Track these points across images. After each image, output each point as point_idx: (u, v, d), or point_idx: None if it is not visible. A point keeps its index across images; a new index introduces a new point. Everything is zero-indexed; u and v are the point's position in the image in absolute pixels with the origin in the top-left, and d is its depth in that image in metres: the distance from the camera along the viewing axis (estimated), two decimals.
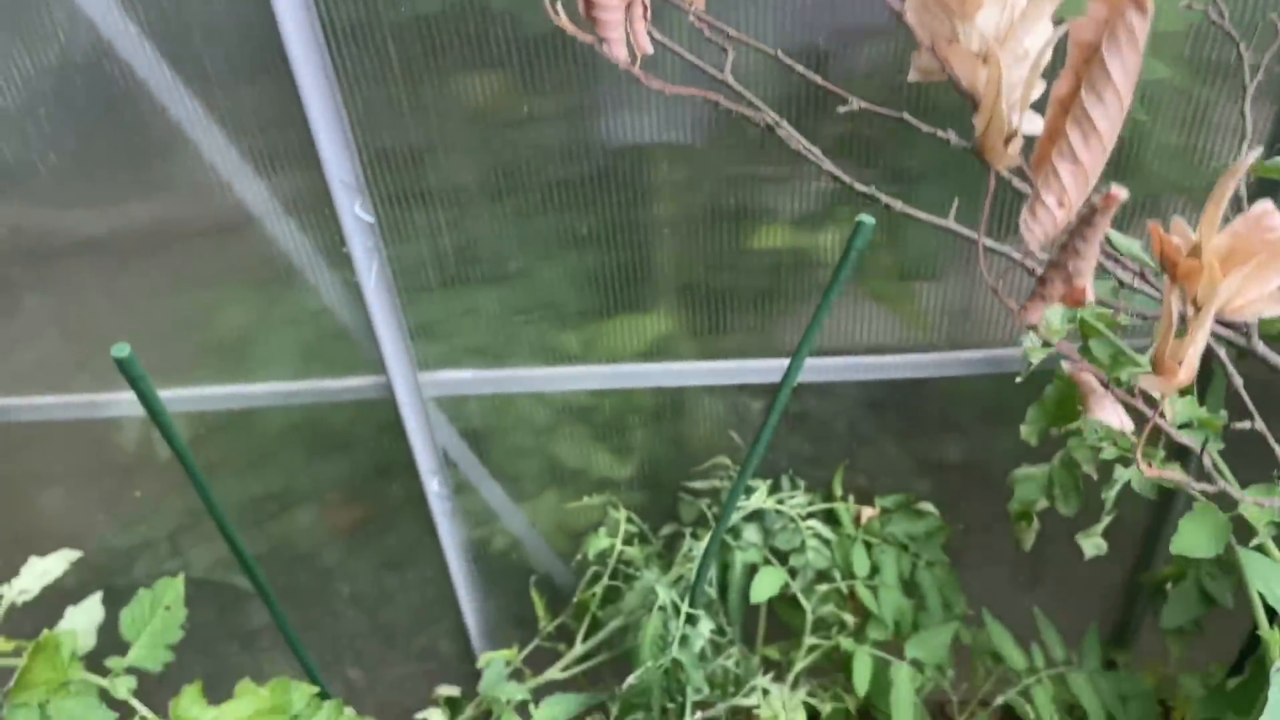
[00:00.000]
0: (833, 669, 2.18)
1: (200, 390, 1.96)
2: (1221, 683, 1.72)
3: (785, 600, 2.15)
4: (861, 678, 1.88)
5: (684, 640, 1.78)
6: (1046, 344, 1.27)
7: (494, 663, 2.07)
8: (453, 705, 2.17)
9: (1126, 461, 1.25)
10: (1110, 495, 1.28)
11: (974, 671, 2.07)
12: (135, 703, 1.56)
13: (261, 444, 2.08)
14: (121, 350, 1.22)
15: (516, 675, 2.06)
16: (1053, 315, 1.29)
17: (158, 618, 1.67)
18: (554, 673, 2.10)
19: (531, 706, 1.98)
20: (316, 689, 1.72)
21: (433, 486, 2.07)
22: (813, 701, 2.02)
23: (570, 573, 2.30)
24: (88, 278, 1.86)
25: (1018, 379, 1.35)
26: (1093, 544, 1.35)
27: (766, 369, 1.98)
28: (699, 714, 1.91)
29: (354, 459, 2.08)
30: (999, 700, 1.94)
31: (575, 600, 2.09)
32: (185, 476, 2.17)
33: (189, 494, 2.17)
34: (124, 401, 2.00)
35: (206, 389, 1.96)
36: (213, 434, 2.06)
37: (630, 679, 1.79)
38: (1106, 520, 1.32)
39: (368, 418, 2.01)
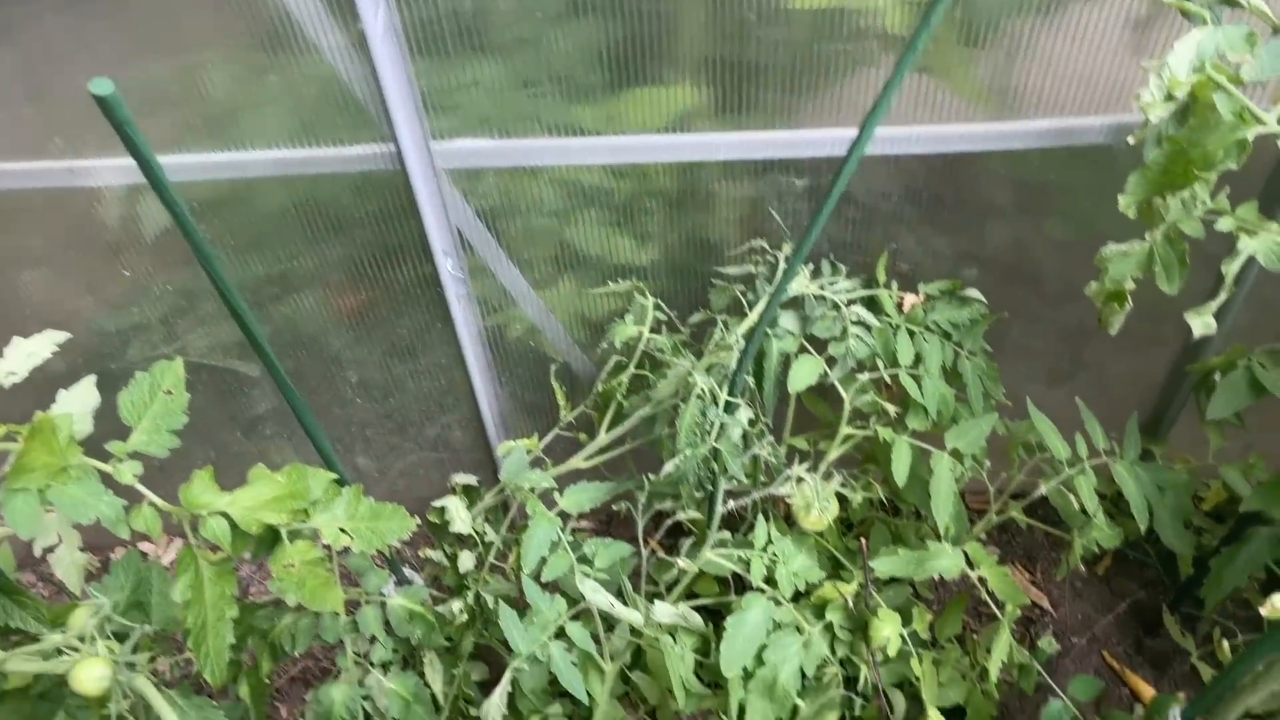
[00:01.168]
0: (860, 460, 2.13)
1: (192, 158, 1.78)
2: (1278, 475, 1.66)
3: (813, 391, 2.07)
4: (901, 467, 1.82)
5: (722, 429, 1.69)
6: (1170, 97, 1.11)
7: (515, 451, 1.99)
8: (470, 494, 2.11)
9: (1251, 232, 1.12)
10: (1232, 269, 1.16)
11: (1010, 463, 2.01)
12: (142, 488, 1.47)
13: (262, 222, 1.92)
14: (103, 87, 1.04)
15: (535, 465, 1.99)
16: (1178, 65, 1.13)
17: (158, 402, 1.56)
18: (576, 462, 2.03)
19: (555, 494, 1.92)
20: (334, 475, 1.64)
21: (447, 268, 1.93)
22: (843, 491, 1.97)
23: (589, 362, 2.20)
24: (59, 30, 1.64)
25: (1130, 140, 1.20)
26: (1202, 323, 1.24)
27: (799, 141, 1.80)
28: (730, 502, 1.85)
29: (362, 238, 1.93)
30: (1040, 491, 1.89)
31: (599, 389, 1.99)
32: (176, 256, 2.02)
33: (181, 274, 2.03)
34: (104, 169, 1.82)
35: (199, 156, 1.78)
36: (210, 210, 1.89)
37: (668, 466, 1.71)
38: (1224, 297, 1.20)
39: (376, 192, 1.84)
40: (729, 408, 1.68)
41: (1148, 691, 2.18)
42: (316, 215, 1.90)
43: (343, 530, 1.63)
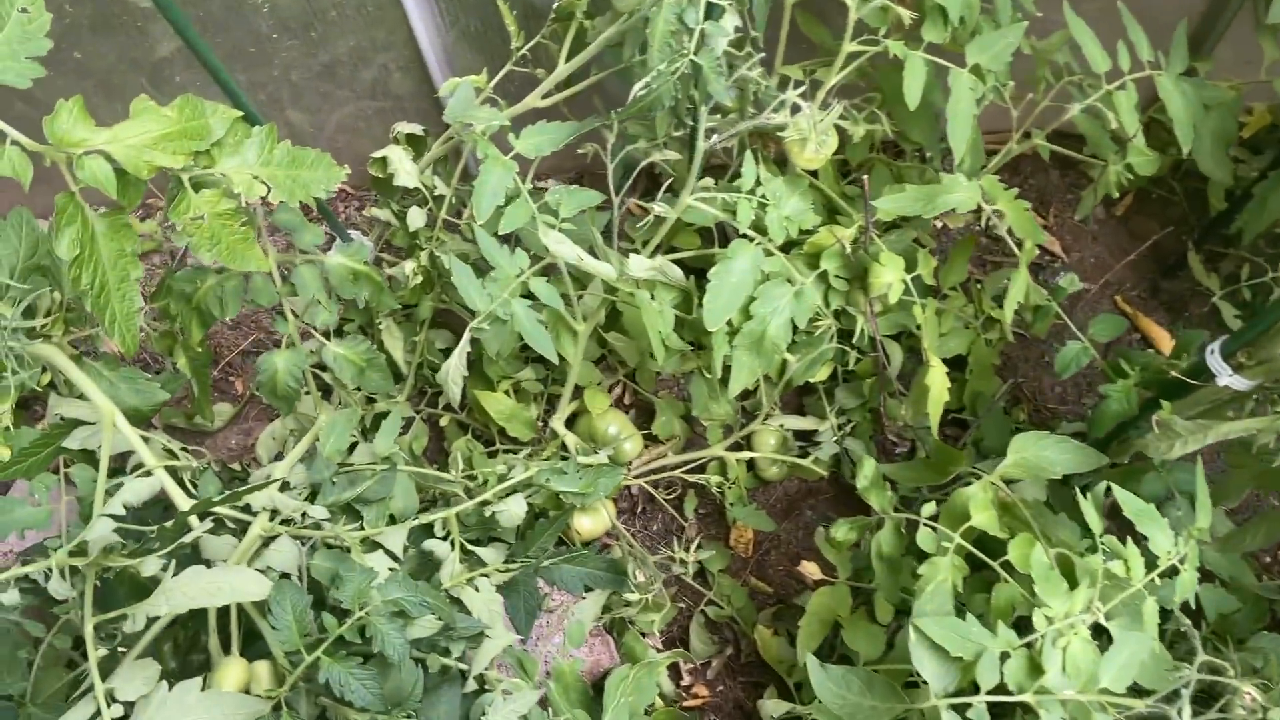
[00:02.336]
0: (862, 90, 1.85)
1: None
2: None
3: (810, 11, 1.77)
4: (914, 87, 1.54)
5: (703, 39, 1.40)
6: None
7: (461, 87, 1.71)
8: (415, 143, 1.85)
9: None
10: None
11: (1035, 87, 1.74)
12: (6, 127, 1.23)
13: None
14: None
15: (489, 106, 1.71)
16: None
17: (13, 23, 1.28)
18: (534, 100, 1.75)
19: (511, 137, 1.65)
20: (239, 112, 1.37)
21: None
22: (844, 124, 1.71)
23: None
24: None
25: None
26: None
27: None
28: (715, 137, 1.59)
29: None
30: (1070, 113, 1.64)
31: (554, 8, 1.68)
32: None
33: None
34: None
35: None
36: None
37: (636, 88, 1.43)
38: None
39: None
40: (711, 10, 1.38)
41: (1161, 335, 2.04)
42: None
43: (257, 179, 1.39)
